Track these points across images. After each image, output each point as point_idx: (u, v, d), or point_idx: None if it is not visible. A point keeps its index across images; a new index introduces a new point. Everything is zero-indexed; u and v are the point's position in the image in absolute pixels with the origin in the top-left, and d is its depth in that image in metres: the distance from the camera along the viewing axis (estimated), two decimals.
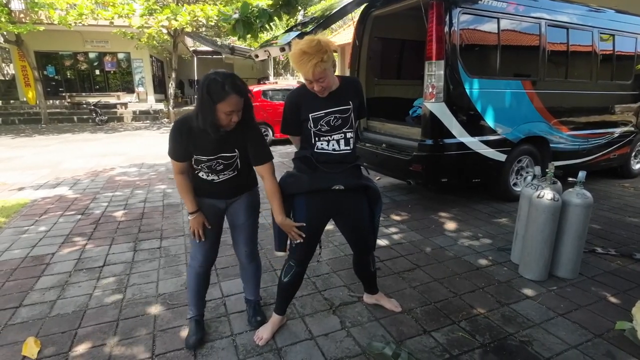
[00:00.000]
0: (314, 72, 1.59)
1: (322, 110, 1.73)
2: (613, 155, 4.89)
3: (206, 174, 1.76)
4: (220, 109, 1.53)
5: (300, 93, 1.78)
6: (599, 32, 4.33)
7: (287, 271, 1.89)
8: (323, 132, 1.75)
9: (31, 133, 10.93)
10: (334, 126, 1.75)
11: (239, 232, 1.94)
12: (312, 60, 1.57)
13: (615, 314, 2.13)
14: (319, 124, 1.74)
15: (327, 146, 1.76)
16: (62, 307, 2.21)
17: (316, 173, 1.77)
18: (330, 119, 1.74)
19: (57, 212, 3.92)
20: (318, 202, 1.79)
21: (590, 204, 2.43)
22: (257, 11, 3.79)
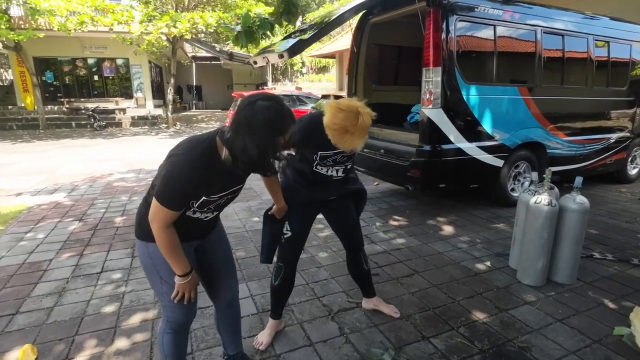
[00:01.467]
0: (354, 150, 1.62)
1: (333, 150, 1.73)
2: (610, 161, 4.92)
3: (201, 213, 1.36)
4: (281, 140, 1.25)
5: (317, 130, 1.64)
6: (594, 39, 4.38)
7: (277, 274, 1.93)
8: (326, 164, 1.81)
9: (29, 139, 10.92)
10: (338, 162, 1.81)
11: (220, 272, 1.57)
12: (354, 141, 1.54)
13: (614, 319, 2.13)
14: (325, 160, 1.78)
15: (326, 172, 1.82)
16: (59, 314, 2.20)
17: (313, 187, 1.84)
18: (337, 157, 1.78)
19: (55, 218, 3.90)
20: (310, 210, 1.91)
21: (587, 209, 2.45)
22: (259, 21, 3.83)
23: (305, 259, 2.91)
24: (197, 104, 22.59)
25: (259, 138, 1.18)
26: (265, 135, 1.19)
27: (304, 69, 27.83)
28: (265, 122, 1.18)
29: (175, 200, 1.23)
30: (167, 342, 1.48)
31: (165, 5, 12.50)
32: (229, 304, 1.63)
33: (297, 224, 1.87)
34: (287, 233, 1.87)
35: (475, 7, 3.56)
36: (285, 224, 1.86)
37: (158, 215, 1.23)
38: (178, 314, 1.43)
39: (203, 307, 2.25)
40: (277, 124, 1.20)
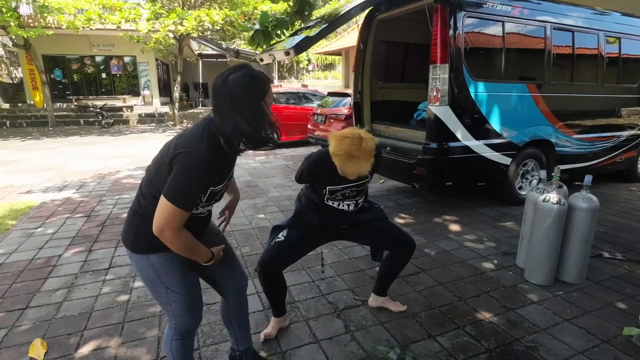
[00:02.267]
0: (360, 174, 1.64)
1: (341, 184, 1.79)
2: (619, 159, 4.85)
3: (204, 207, 1.33)
4: (266, 103, 1.22)
5: (325, 166, 1.72)
6: (604, 35, 4.31)
7: (259, 278, 1.92)
8: (336, 199, 1.85)
9: (38, 136, 11.05)
10: (348, 196, 1.85)
11: (222, 265, 1.49)
12: (360, 164, 1.59)
13: (623, 319, 2.11)
14: (335, 194, 1.83)
15: (337, 206, 1.87)
16: (68, 309, 2.23)
17: (321, 214, 1.89)
18: (346, 191, 1.82)
19: (64, 214, 3.95)
20: (319, 234, 1.95)
21: (597, 208, 2.41)
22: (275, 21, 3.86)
23: (311, 256, 2.92)
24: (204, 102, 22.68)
25: (246, 110, 1.15)
26: (250, 104, 1.16)
27: (310, 67, 27.79)
28: (245, 91, 1.14)
29: (191, 199, 1.18)
30: (176, 347, 1.43)
31: (172, 3, 12.53)
32: (237, 294, 1.60)
33: (295, 234, 1.88)
34: (280, 238, 1.86)
35: (483, 3, 3.52)
36: (283, 231, 1.89)
37: (173, 219, 1.14)
38: (186, 319, 1.39)
39: (210, 303, 2.27)
40: (256, 88, 1.17)
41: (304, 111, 8.37)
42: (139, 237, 1.28)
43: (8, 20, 10.41)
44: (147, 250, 1.28)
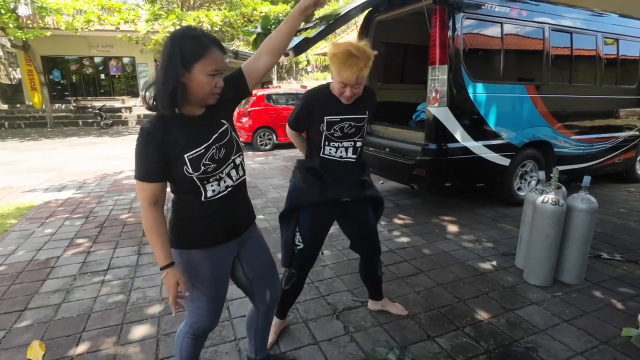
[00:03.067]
0: (358, 76, 1.55)
1: (339, 115, 1.69)
2: (618, 160, 4.86)
3: (217, 182, 1.25)
4: (201, 70, 1.11)
5: (322, 93, 1.73)
6: (602, 37, 4.32)
7: (288, 279, 1.88)
8: (335, 137, 1.72)
9: (37, 137, 11.03)
10: (346, 133, 1.72)
11: (262, 279, 1.49)
12: (359, 64, 1.52)
13: (622, 320, 2.11)
14: (332, 129, 1.70)
15: (335, 153, 1.74)
16: (66, 311, 2.22)
17: (324, 184, 1.75)
18: (344, 125, 1.70)
19: (63, 215, 3.94)
20: (323, 213, 1.80)
21: (596, 209, 2.42)
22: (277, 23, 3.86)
23: None
24: None
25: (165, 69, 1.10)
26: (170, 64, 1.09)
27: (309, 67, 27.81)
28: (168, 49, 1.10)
29: (143, 169, 1.15)
30: (186, 345, 1.43)
31: (171, 4, 12.55)
32: (267, 309, 1.57)
33: (308, 232, 1.79)
34: (299, 245, 1.79)
35: (482, 5, 3.53)
36: (296, 235, 1.79)
37: (141, 193, 1.19)
38: (204, 320, 1.39)
39: None
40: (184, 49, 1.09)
41: None
42: (174, 232, 1.29)
43: (7, 22, 10.40)
44: (180, 246, 1.28)
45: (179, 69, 1.09)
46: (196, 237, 1.27)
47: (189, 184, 1.21)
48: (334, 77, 1.62)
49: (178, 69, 1.08)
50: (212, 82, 1.13)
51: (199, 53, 1.10)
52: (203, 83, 1.12)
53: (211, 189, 1.24)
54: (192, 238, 1.27)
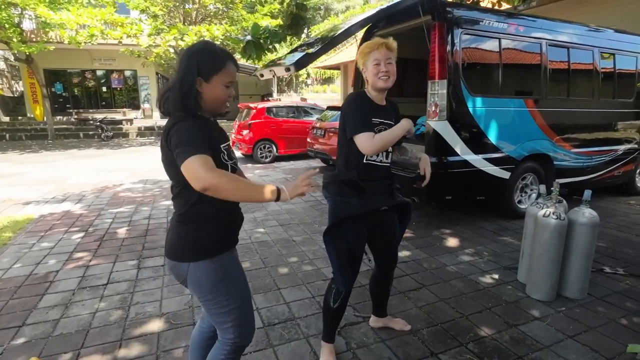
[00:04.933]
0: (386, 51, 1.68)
1: (379, 118, 1.75)
2: (618, 173, 4.88)
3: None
4: (218, 81, 1.23)
5: (362, 97, 1.79)
6: (599, 51, 4.39)
7: (336, 297, 1.82)
8: None
9: (37, 149, 11.06)
10: None
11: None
12: (383, 41, 1.70)
13: (626, 336, 2.09)
14: (374, 130, 1.72)
15: (376, 157, 1.76)
16: (65, 326, 2.19)
17: (364, 195, 1.74)
18: (382, 128, 1.74)
19: (62, 228, 3.93)
20: (364, 224, 1.78)
21: (597, 223, 2.42)
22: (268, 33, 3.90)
23: (311, 272, 2.90)
24: None
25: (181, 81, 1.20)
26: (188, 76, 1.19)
27: (308, 80, 28.07)
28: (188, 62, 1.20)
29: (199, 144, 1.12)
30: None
31: (173, 18, 12.73)
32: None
33: (355, 245, 1.76)
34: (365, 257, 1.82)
35: (480, 21, 3.59)
36: (348, 247, 1.75)
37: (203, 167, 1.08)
38: (249, 328, 1.35)
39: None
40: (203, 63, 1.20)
41: (303, 125, 8.43)
42: (199, 241, 1.24)
43: (11, 36, 10.54)
44: (211, 253, 1.26)
45: (195, 76, 1.19)
46: (223, 240, 1.30)
47: None
48: (368, 66, 1.72)
49: (194, 75, 1.19)
50: (226, 92, 1.26)
51: (218, 66, 1.22)
52: (219, 93, 1.25)
53: None
54: (219, 241, 1.29)
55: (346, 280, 1.77)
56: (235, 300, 1.29)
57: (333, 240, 1.76)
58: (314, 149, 7.32)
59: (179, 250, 1.26)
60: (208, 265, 1.25)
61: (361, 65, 1.78)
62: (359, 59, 1.79)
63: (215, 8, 12.77)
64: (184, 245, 1.25)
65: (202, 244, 1.25)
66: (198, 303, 2.43)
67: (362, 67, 1.77)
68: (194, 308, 2.38)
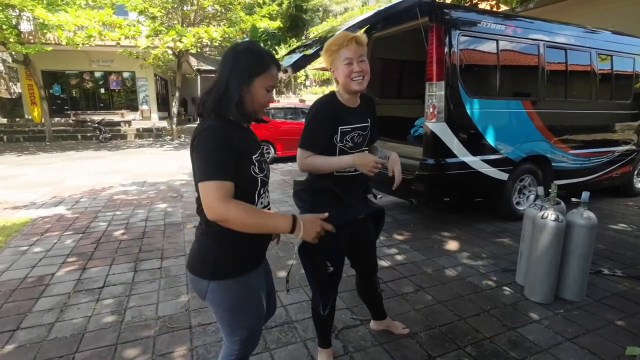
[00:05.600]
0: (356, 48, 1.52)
1: (349, 124, 1.62)
2: (615, 174, 4.88)
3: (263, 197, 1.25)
4: (260, 84, 1.18)
5: (330, 103, 1.64)
6: (596, 53, 4.39)
7: (325, 304, 1.77)
8: (347, 148, 1.64)
9: (35, 151, 11.02)
10: (356, 143, 1.66)
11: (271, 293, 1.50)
12: (352, 36, 1.54)
13: (625, 338, 2.08)
14: (345, 140, 1.62)
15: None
16: (60, 330, 2.17)
17: (340, 204, 1.63)
18: (354, 135, 1.64)
19: (58, 231, 3.90)
20: (343, 236, 1.69)
21: (595, 224, 2.41)
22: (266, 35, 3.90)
23: None
24: None
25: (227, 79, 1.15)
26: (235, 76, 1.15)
27: (307, 82, 28.10)
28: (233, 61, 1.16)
29: (220, 166, 1.07)
30: None
31: (172, 20, 12.72)
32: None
33: (335, 254, 1.70)
34: (329, 268, 1.70)
35: (477, 22, 3.59)
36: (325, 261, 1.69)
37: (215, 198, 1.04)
38: (253, 343, 1.33)
39: (206, 323, 2.22)
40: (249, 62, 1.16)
41: (301, 126, 8.38)
42: (223, 259, 1.19)
43: (8, 37, 10.51)
44: (233, 274, 1.20)
45: (241, 77, 1.15)
46: (247, 259, 1.24)
47: (251, 187, 1.18)
48: (338, 66, 1.56)
49: (241, 81, 1.15)
50: (267, 96, 1.21)
51: (261, 69, 1.17)
52: (260, 96, 1.19)
53: (261, 201, 1.23)
54: (244, 261, 1.22)
55: (325, 296, 1.73)
56: (251, 319, 1.27)
57: (310, 256, 1.65)
58: None
59: (199, 264, 1.21)
60: (230, 286, 1.20)
61: (329, 64, 1.61)
62: (325, 57, 1.60)
63: (213, 9, 12.77)
64: (206, 261, 1.20)
65: (225, 264, 1.19)
66: (194, 307, 2.42)
67: (330, 67, 1.61)
68: (191, 312, 2.36)
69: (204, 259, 1.20)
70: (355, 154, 1.57)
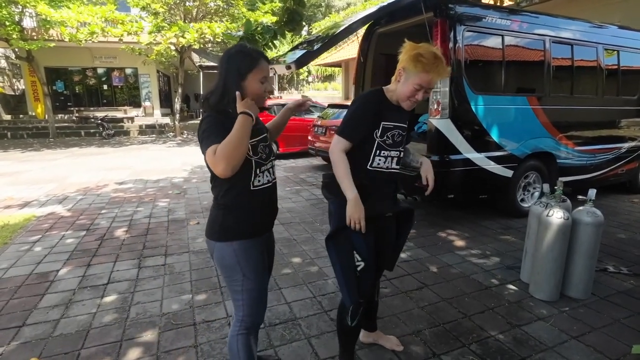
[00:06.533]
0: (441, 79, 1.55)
1: (393, 122, 1.61)
2: (621, 171, 4.84)
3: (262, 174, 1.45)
4: (253, 78, 1.37)
5: (378, 97, 1.63)
6: (603, 48, 4.34)
7: (355, 313, 1.64)
8: (386, 145, 1.61)
9: (39, 147, 11.06)
10: (395, 142, 1.63)
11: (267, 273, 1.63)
12: (443, 65, 1.50)
13: (631, 337, 2.07)
14: (386, 136, 1.60)
15: (383, 163, 1.62)
16: (65, 327, 2.18)
17: (370, 199, 1.57)
18: (395, 133, 1.62)
19: (63, 227, 3.92)
20: (371, 227, 1.56)
21: (601, 222, 2.39)
22: (262, 28, 3.87)
23: (312, 272, 2.88)
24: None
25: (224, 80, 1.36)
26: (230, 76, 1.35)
27: (309, 78, 28.00)
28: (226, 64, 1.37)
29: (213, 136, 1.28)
30: (242, 343, 1.49)
31: (174, 16, 12.67)
32: None
33: (363, 248, 1.58)
34: (359, 264, 1.57)
35: (482, 17, 3.56)
36: (354, 254, 1.58)
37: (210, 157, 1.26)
38: (255, 310, 1.49)
39: (210, 320, 2.23)
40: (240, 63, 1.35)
41: (304, 122, 8.39)
42: (225, 225, 1.42)
43: (11, 33, 10.52)
44: (232, 237, 1.42)
45: (236, 75, 1.36)
46: (249, 227, 1.44)
47: (246, 168, 1.36)
48: (409, 78, 1.53)
49: (237, 78, 1.36)
50: (262, 87, 1.40)
51: (252, 65, 1.36)
52: (255, 88, 1.39)
53: (258, 179, 1.43)
54: (241, 228, 1.42)
55: (352, 292, 1.57)
56: (248, 283, 1.45)
57: (337, 246, 1.59)
58: (315, 147, 7.30)
59: (209, 229, 1.47)
60: (229, 247, 1.42)
61: (403, 65, 1.55)
62: (407, 58, 1.52)
63: (215, 5, 12.71)
64: (214, 226, 1.45)
65: (226, 228, 1.42)
66: (199, 303, 2.42)
67: (402, 67, 1.55)
68: (195, 308, 2.37)
69: (212, 224, 1.46)
70: (355, 199, 1.50)
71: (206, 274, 2.85)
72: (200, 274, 2.84)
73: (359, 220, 1.49)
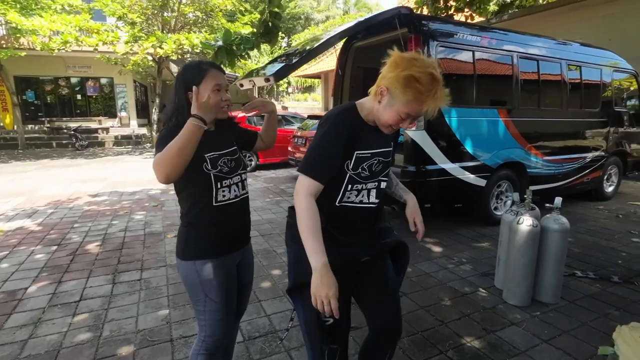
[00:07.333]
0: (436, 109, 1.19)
1: (370, 149, 1.27)
2: (587, 179, 5.09)
3: (228, 188, 1.38)
4: (206, 88, 1.31)
5: (350, 119, 1.27)
6: (567, 64, 4.60)
7: (331, 357, 1.33)
8: (360, 178, 1.28)
9: (7, 159, 10.61)
10: (374, 172, 1.30)
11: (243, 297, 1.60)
12: (441, 91, 1.17)
13: (598, 338, 2.16)
14: (360, 167, 1.27)
15: (355, 197, 1.29)
16: (34, 347, 2.09)
17: (337, 245, 1.24)
18: (374, 162, 1.28)
19: (32, 243, 3.76)
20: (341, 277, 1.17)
21: (567, 229, 2.51)
22: (239, 39, 3.90)
23: None
24: None
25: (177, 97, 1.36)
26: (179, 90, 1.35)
27: (289, 89, 28.16)
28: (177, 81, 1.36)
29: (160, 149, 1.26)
30: None
31: (152, 26, 12.55)
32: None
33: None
34: (327, 320, 1.27)
35: (454, 34, 3.71)
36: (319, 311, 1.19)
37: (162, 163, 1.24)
38: (218, 332, 1.42)
39: (187, 335, 2.19)
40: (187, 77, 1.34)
41: (284, 133, 8.40)
42: (188, 243, 1.39)
43: None
44: (194, 257, 1.38)
45: (184, 90, 1.34)
46: (212, 246, 1.38)
47: (205, 182, 1.34)
48: (393, 103, 1.19)
49: (183, 90, 1.34)
50: (217, 95, 1.35)
51: (200, 76, 1.33)
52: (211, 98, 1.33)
53: (222, 194, 1.38)
54: (202, 247, 1.37)
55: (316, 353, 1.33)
56: (210, 304, 1.39)
57: (302, 301, 1.28)
58: (295, 158, 7.33)
59: (176, 246, 1.44)
60: (192, 266, 1.38)
61: (388, 85, 1.19)
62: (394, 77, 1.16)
63: (194, 16, 12.69)
64: (179, 243, 1.42)
65: (188, 246, 1.39)
66: (176, 319, 2.37)
67: (386, 86, 1.20)
68: (172, 324, 2.32)
69: (178, 241, 1.43)
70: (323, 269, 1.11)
71: (184, 288, 2.78)
72: (177, 288, 2.79)
73: (328, 299, 1.10)
